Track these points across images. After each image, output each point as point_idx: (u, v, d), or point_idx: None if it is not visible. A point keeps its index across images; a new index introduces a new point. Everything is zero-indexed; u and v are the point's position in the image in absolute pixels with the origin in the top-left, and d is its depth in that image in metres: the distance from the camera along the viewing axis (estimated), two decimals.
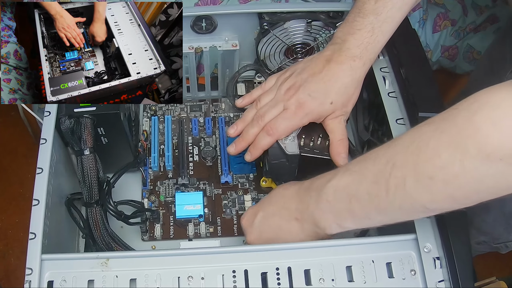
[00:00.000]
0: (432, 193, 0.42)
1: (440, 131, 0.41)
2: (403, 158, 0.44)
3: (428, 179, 0.42)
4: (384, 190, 0.45)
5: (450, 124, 0.41)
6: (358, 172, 0.49)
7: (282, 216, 0.57)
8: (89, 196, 0.61)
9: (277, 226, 0.57)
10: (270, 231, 0.57)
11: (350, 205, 0.49)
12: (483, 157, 0.38)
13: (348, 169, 0.50)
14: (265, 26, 0.69)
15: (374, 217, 0.49)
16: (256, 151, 0.63)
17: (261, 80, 0.78)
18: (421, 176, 0.42)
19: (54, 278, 0.50)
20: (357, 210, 0.49)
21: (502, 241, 1.02)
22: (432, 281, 0.50)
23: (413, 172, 0.43)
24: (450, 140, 0.40)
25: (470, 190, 0.41)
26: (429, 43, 1.39)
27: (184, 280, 0.50)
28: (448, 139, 0.40)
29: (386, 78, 0.63)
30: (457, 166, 0.39)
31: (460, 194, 0.42)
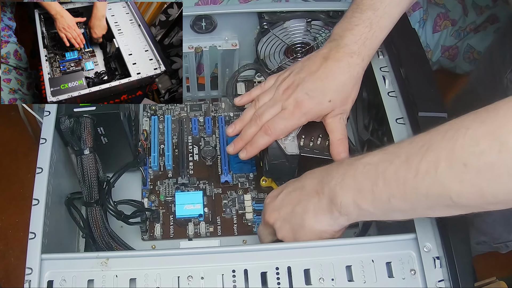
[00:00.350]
0: (463, 182, 0.41)
1: (480, 121, 0.40)
2: (439, 143, 0.43)
3: (463, 165, 0.40)
4: (413, 172, 0.44)
5: (492, 116, 0.40)
6: (391, 152, 0.47)
7: (304, 190, 0.54)
8: (89, 195, 0.61)
9: (296, 200, 0.55)
10: (289, 205, 0.55)
11: (375, 183, 0.47)
12: None
13: (383, 149, 0.49)
14: (265, 25, 0.69)
15: (394, 203, 0.46)
16: (252, 150, 0.63)
17: (261, 79, 0.78)
18: (456, 162, 0.41)
19: (54, 277, 0.50)
20: (381, 190, 0.47)
21: (502, 241, 1.02)
22: (432, 281, 0.49)
23: (448, 157, 0.41)
24: (490, 131, 0.39)
25: (501, 185, 0.39)
26: (429, 43, 1.39)
27: (184, 279, 0.50)
28: (488, 129, 0.40)
29: (386, 77, 0.63)
30: (495, 155, 0.38)
31: (490, 189, 0.40)
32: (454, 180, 0.41)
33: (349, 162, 0.51)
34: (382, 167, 0.47)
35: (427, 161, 0.43)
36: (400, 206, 0.46)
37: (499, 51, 0.89)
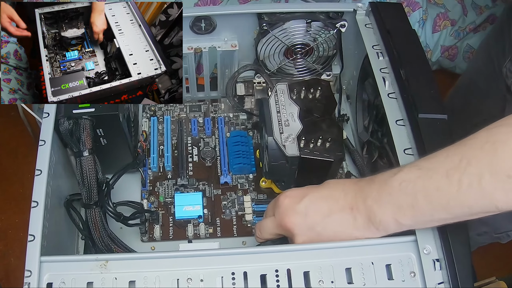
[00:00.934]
0: (508, 191, 0.42)
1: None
2: (479, 156, 0.43)
3: (506, 177, 0.42)
4: (456, 186, 0.44)
5: None
6: (428, 168, 0.47)
7: (335, 201, 0.52)
8: (88, 197, 0.61)
9: (327, 210, 0.52)
10: (318, 214, 0.53)
11: (415, 199, 0.47)
12: None
13: (416, 165, 0.48)
14: (264, 26, 0.69)
15: (437, 215, 0.47)
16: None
17: (260, 80, 0.78)
18: (499, 174, 0.42)
19: (53, 280, 0.49)
20: (422, 206, 0.47)
21: (503, 231, 1.03)
22: (431, 283, 0.49)
23: (490, 170, 0.42)
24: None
25: None
26: (428, 43, 1.39)
27: (183, 282, 0.50)
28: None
29: (386, 79, 0.63)
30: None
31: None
32: (499, 191, 0.42)
33: (381, 179, 0.50)
34: (420, 183, 0.47)
35: (469, 174, 0.44)
36: (443, 218, 0.47)
37: (496, 42, 0.89)
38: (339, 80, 0.81)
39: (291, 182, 0.70)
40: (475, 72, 1.00)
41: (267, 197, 0.73)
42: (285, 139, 0.64)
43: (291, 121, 0.66)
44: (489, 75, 0.91)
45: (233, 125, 0.81)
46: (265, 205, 0.72)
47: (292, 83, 0.71)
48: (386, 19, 0.69)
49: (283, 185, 0.71)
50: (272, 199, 0.72)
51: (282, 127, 0.66)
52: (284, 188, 0.72)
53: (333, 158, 0.63)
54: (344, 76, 0.81)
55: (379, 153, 0.69)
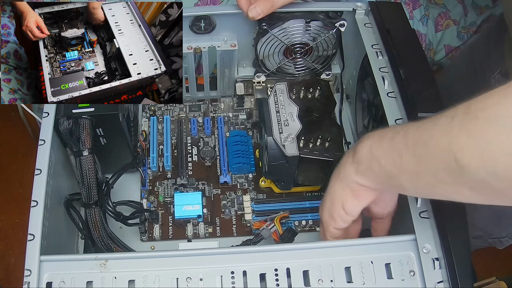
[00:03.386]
0: (470, 135, 0.39)
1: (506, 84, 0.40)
2: (466, 102, 0.41)
3: (474, 117, 0.39)
4: (432, 123, 0.43)
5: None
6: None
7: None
8: (88, 197, 0.61)
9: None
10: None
11: (396, 133, 0.46)
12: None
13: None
14: (263, 26, 0.69)
15: (404, 158, 0.45)
16: None
17: (260, 80, 0.78)
18: (469, 113, 0.40)
19: (53, 279, 0.50)
20: (398, 141, 0.46)
21: (496, 237, 1.03)
22: (431, 282, 0.49)
23: (464, 110, 0.41)
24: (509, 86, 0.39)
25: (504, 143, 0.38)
26: (432, 41, 1.39)
27: (183, 281, 0.50)
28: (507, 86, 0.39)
29: (385, 78, 0.63)
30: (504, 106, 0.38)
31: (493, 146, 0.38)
32: (463, 133, 0.40)
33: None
34: (412, 123, 0.46)
35: (446, 115, 0.42)
36: (408, 163, 0.45)
37: (482, 47, 0.88)
38: (340, 80, 0.81)
39: (291, 182, 0.70)
40: (456, 77, 0.99)
41: (267, 197, 0.73)
42: (284, 139, 0.64)
43: (291, 121, 0.66)
44: (471, 83, 0.91)
45: (232, 125, 0.81)
46: (265, 205, 0.72)
47: (292, 83, 0.72)
48: (386, 19, 0.69)
49: (283, 185, 0.71)
50: (271, 198, 0.73)
51: (281, 126, 0.66)
52: (283, 188, 0.72)
53: (332, 158, 0.63)
54: (343, 75, 0.81)
55: None
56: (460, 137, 0.40)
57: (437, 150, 0.42)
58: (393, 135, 0.46)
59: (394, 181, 0.48)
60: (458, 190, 0.43)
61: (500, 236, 1.02)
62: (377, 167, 0.48)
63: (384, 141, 0.47)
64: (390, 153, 0.46)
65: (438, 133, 0.42)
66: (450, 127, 0.41)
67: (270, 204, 0.73)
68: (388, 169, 0.47)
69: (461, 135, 0.40)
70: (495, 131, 0.38)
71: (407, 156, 0.45)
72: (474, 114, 0.39)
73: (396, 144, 0.46)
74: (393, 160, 0.46)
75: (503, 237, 1.02)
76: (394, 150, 0.46)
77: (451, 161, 0.40)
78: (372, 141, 0.49)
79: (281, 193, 0.73)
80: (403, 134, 0.45)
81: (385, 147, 0.47)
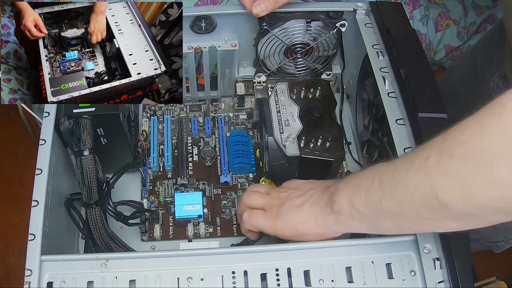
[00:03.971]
0: (448, 175, 0.40)
1: (473, 115, 0.40)
2: (435, 139, 0.43)
3: (448, 156, 0.40)
4: (407, 168, 0.43)
5: (482, 109, 0.40)
6: (399, 157, 0.47)
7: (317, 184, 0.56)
8: (89, 196, 0.61)
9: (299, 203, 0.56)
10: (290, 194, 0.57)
11: (372, 182, 0.47)
12: (500, 132, 0.37)
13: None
14: (264, 26, 0.69)
15: (384, 204, 0.45)
16: None
17: (261, 80, 0.78)
18: (443, 153, 0.40)
19: (53, 279, 0.49)
20: (375, 189, 0.46)
21: (492, 241, 1.03)
22: (432, 282, 0.49)
23: (438, 149, 0.41)
24: (477, 120, 0.39)
25: (483, 176, 0.38)
26: (432, 41, 1.39)
27: (184, 281, 0.50)
28: (475, 119, 0.39)
29: (386, 78, 0.63)
30: (476, 143, 0.38)
31: (474, 182, 0.39)
32: (440, 173, 0.41)
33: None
34: (384, 167, 0.47)
35: (420, 157, 0.43)
36: (389, 207, 0.46)
37: (484, 51, 0.89)
38: (341, 80, 0.81)
39: None
40: (458, 80, 0.99)
41: None
42: (285, 139, 0.64)
43: (291, 121, 0.66)
44: (473, 86, 0.91)
45: (233, 125, 0.81)
46: None
47: (292, 83, 0.72)
48: (386, 19, 0.69)
49: None
50: None
51: (282, 127, 0.66)
52: None
53: (333, 158, 0.63)
54: (344, 75, 0.81)
55: (379, 152, 0.69)
56: (438, 177, 0.40)
57: (417, 193, 0.42)
58: (368, 186, 0.47)
59: (376, 225, 0.49)
60: (441, 223, 0.44)
61: (497, 241, 1.02)
62: (358, 216, 0.49)
63: (361, 191, 0.48)
64: (369, 203, 0.47)
65: (415, 176, 0.42)
66: (426, 169, 0.41)
67: None
68: (369, 217, 0.48)
69: (439, 175, 0.40)
70: (472, 167, 0.38)
71: (387, 203, 0.45)
72: (448, 153, 0.40)
73: (374, 194, 0.46)
74: (373, 209, 0.47)
75: (499, 241, 1.02)
76: (372, 199, 0.47)
77: (433, 200, 0.41)
78: (349, 191, 0.49)
79: None
80: (378, 183, 0.46)
81: (363, 196, 0.48)
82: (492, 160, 0.37)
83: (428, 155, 0.42)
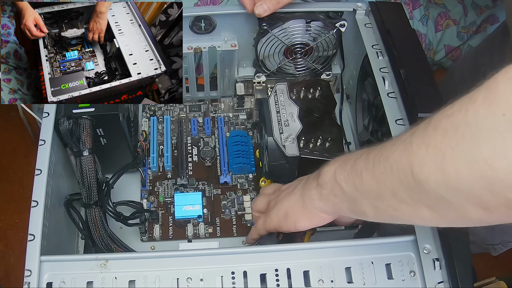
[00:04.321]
0: (428, 147, 0.37)
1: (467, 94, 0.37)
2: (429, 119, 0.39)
3: (433, 129, 0.37)
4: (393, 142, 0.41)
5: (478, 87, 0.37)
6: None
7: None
8: (88, 197, 0.61)
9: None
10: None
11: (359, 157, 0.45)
12: (487, 102, 0.34)
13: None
14: (264, 26, 0.69)
15: (364, 177, 0.43)
16: None
17: (260, 80, 0.78)
18: (428, 126, 0.37)
19: (53, 279, 0.50)
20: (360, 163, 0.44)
21: (489, 243, 1.03)
22: (431, 282, 0.49)
23: (425, 123, 0.38)
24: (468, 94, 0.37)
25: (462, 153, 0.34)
26: (432, 41, 1.39)
27: (183, 281, 0.50)
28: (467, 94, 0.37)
29: (386, 78, 0.63)
30: (462, 113, 0.35)
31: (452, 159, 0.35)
32: (420, 146, 0.37)
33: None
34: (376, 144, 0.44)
35: (409, 132, 0.40)
36: (368, 184, 0.43)
37: (486, 52, 0.88)
38: (341, 80, 0.81)
39: None
40: (459, 81, 0.99)
41: None
42: (285, 139, 0.64)
43: (291, 121, 0.66)
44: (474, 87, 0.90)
45: (232, 125, 0.81)
46: None
47: (292, 83, 0.72)
48: (386, 19, 0.69)
49: None
50: None
51: (282, 127, 0.66)
52: None
53: (333, 158, 0.63)
54: (344, 75, 0.81)
55: None
56: (417, 150, 0.38)
57: (395, 165, 0.40)
58: (356, 158, 0.46)
59: (355, 205, 0.47)
60: (417, 211, 0.40)
61: (494, 243, 1.02)
62: (339, 191, 0.47)
63: (348, 164, 0.46)
64: (351, 176, 0.45)
65: (398, 150, 0.40)
66: (410, 143, 0.39)
67: None
68: (350, 193, 0.46)
69: (419, 148, 0.37)
70: (455, 140, 0.35)
71: (367, 177, 0.43)
72: (433, 125, 0.37)
73: (358, 166, 0.45)
74: (354, 183, 0.45)
75: (497, 244, 1.02)
76: (356, 172, 0.45)
77: (408, 175, 0.38)
78: (337, 164, 0.48)
79: None
80: (366, 156, 0.44)
81: (348, 169, 0.46)
82: (475, 134, 0.34)
83: (416, 129, 0.39)
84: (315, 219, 0.52)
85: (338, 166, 0.48)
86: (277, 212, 0.55)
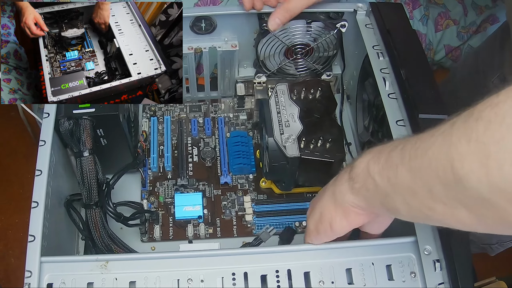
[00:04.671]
0: (470, 141, 0.33)
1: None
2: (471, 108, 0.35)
3: (474, 120, 0.33)
4: (431, 134, 0.38)
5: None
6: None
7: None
8: (89, 197, 0.61)
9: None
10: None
11: (395, 147, 0.42)
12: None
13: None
14: (264, 26, 0.69)
15: (399, 172, 0.40)
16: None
17: (261, 80, 0.78)
18: (471, 117, 0.34)
19: (53, 280, 0.49)
20: (396, 155, 0.41)
21: (487, 243, 1.03)
22: (432, 284, 0.49)
23: (467, 114, 0.35)
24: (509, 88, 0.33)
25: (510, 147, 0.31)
26: (432, 41, 1.39)
27: (184, 282, 0.50)
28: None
29: (386, 79, 0.63)
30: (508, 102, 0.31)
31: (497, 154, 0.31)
32: (462, 139, 0.34)
33: None
34: (412, 136, 0.41)
35: (449, 122, 0.36)
36: (403, 178, 0.40)
37: (487, 52, 0.88)
38: (341, 80, 0.81)
39: (291, 183, 0.70)
40: (460, 81, 0.98)
41: (267, 198, 0.73)
42: (285, 139, 0.64)
43: (292, 122, 0.66)
44: (474, 87, 0.90)
45: (233, 125, 0.81)
46: (265, 205, 0.72)
47: (292, 84, 0.71)
48: (386, 19, 0.68)
49: (283, 186, 0.71)
50: (272, 199, 0.73)
51: (282, 127, 0.66)
52: (284, 188, 0.72)
53: (333, 159, 0.63)
54: (344, 76, 0.80)
55: None
56: (459, 144, 0.34)
57: (433, 161, 0.36)
58: (391, 150, 0.42)
59: (388, 201, 0.43)
60: (454, 211, 0.37)
61: (491, 243, 1.03)
62: (372, 185, 0.44)
63: (382, 156, 0.43)
64: (386, 169, 0.42)
65: (436, 142, 0.36)
66: (449, 135, 0.35)
67: (271, 205, 0.72)
68: (382, 187, 0.43)
69: (460, 141, 0.34)
70: (499, 132, 0.31)
71: (403, 171, 0.40)
72: (476, 116, 0.33)
73: (393, 159, 0.41)
74: (387, 177, 0.42)
75: (493, 243, 1.02)
76: (390, 165, 0.42)
77: (447, 171, 0.35)
78: (370, 156, 0.45)
79: (282, 194, 0.73)
80: (401, 148, 0.41)
81: (382, 162, 0.43)
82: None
83: (455, 120, 0.35)
84: (351, 216, 0.49)
85: (372, 158, 0.44)
86: (313, 216, 0.52)
